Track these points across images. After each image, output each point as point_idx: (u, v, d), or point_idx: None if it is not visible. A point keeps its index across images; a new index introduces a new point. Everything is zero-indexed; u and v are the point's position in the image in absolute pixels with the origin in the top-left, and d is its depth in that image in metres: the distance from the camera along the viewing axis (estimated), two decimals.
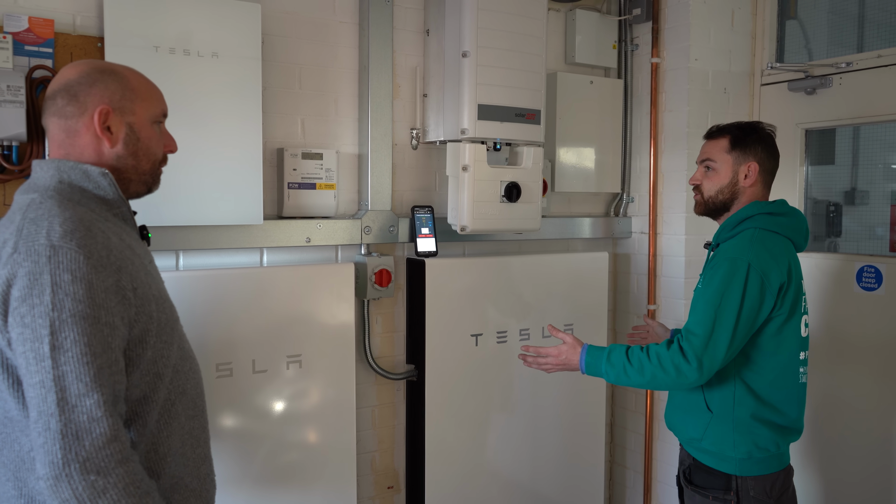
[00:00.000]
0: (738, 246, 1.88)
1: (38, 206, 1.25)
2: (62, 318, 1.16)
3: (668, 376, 1.82)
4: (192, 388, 1.45)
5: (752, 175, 1.97)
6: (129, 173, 1.39)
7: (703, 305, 1.84)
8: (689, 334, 1.83)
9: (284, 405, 2.27)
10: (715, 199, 2.00)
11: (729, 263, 1.84)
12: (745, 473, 1.90)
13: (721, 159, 1.99)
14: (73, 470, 1.13)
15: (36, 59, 1.91)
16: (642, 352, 1.87)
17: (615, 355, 1.90)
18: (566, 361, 1.98)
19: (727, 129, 2.02)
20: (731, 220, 1.98)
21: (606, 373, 1.90)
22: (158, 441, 1.35)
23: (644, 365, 1.84)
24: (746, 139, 1.98)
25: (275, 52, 2.31)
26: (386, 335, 2.59)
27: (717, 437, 1.91)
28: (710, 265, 1.95)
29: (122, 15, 1.98)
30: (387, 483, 2.63)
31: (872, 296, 2.61)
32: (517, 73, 2.46)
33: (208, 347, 2.12)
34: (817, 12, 3.05)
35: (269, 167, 2.31)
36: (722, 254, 1.90)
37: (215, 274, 2.17)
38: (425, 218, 2.50)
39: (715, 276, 1.85)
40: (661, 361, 1.82)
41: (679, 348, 1.82)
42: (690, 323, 1.86)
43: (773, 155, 2.00)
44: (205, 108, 2.10)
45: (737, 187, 1.98)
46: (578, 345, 1.97)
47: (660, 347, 1.85)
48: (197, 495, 1.44)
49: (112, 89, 1.35)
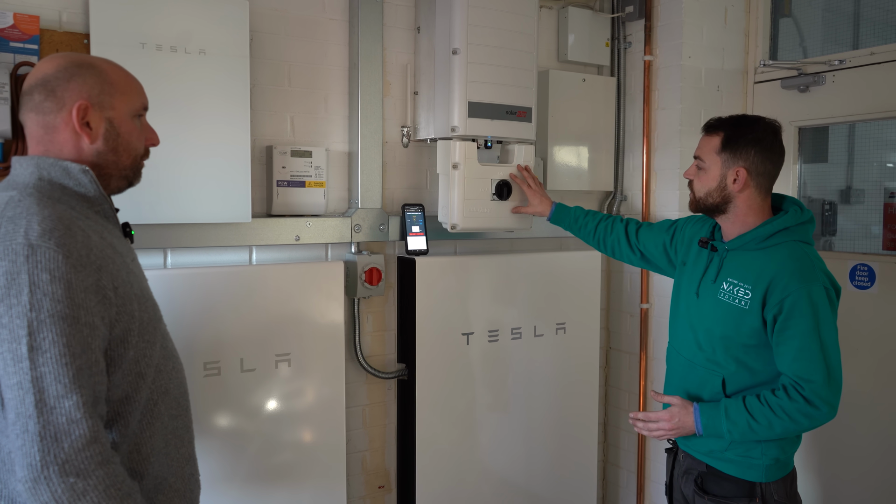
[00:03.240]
0: (797, 270, 1.76)
1: (16, 204, 1.22)
2: (40, 319, 1.14)
3: (801, 426, 1.76)
4: (175, 388, 1.44)
5: (740, 181, 1.83)
6: (109, 169, 1.37)
7: (804, 350, 1.73)
8: (806, 382, 1.73)
9: (273, 404, 2.26)
10: (705, 200, 1.90)
11: (805, 296, 1.73)
12: (770, 479, 1.85)
13: (711, 160, 1.87)
14: (51, 472, 1.12)
15: (21, 56, 1.90)
16: (762, 405, 1.76)
17: (734, 411, 1.79)
18: (680, 425, 1.87)
19: (724, 124, 1.88)
20: (763, 231, 1.84)
21: (729, 431, 1.80)
22: (141, 441, 1.34)
23: (772, 421, 1.75)
24: (739, 140, 1.83)
25: (263, 50, 2.30)
26: (376, 334, 2.57)
27: (744, 447, 1.85)
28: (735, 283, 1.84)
29: (109, 11, 1.96)
30: (377, 482, 2.62)
31: (865, 294, 2.60)
32: (508, 71, 2.45)
33: (196, 346, 2.11)
34: (812, 10, 3.04)
35: (257, 165, 2.30)
36: (782, 283, 1.75)
37: (203, 272, 2.16)
38: (416, 216, 2.48)
39: (795, 314, 1.73)
40: (789, 415, 1.74)
41: (803, 398, 1.73)
42: (799, 370, 1.74)
43: (769, 158, 1.85)
44: (192, 106, 2.08)
45: (726, 192, 1.85)
46: (689, 405, 1.88)
47: (781, 400, 1.75)
48: (181, 495, 1.43)
49: (90, 84, 1.32)
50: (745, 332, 1.82)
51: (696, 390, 1.93)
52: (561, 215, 2.42)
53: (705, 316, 1.91)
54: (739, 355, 1.85)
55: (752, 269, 1.82)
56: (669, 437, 1.92)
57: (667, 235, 2.17)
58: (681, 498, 2.02)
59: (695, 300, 1.95)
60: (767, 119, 1.87)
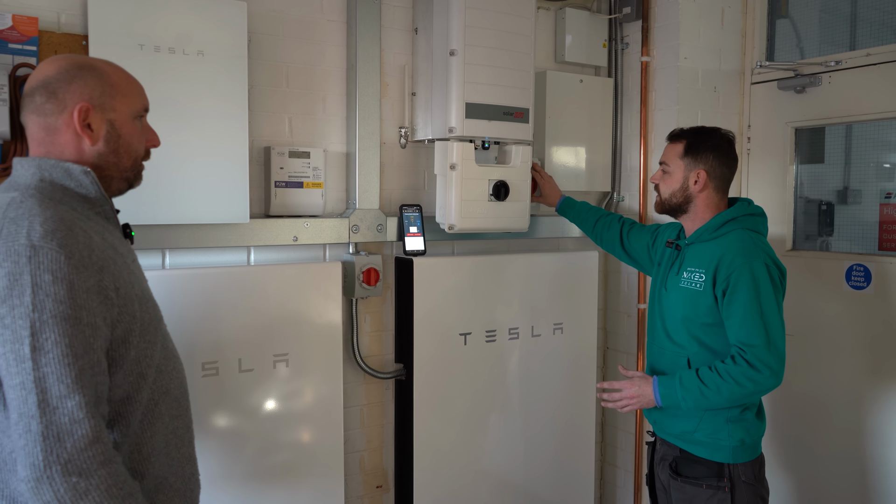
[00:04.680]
0: (740, 249, 1.98)
1: (18, 206, 1.23)
2: (43, 320, 1.14)
3: (746, 389, 1.91)
4: (175, 388, 1.44)
5: (700, 182, 2.08)
6: (110, 171, 1.37)
7: (746, 317, 1.93)
8: (748, 347, 1.92)
9: (271, 405, 2.27)
10: (670, 200, 2.14)
11: (747, 270, 1.94)
12: (737, 461, 2.02)
13: (674, 164, 2.11)
14: (54, 472, 1.12)
15: (20, 57, 1.91)
16: (712, 372, 1.94)
17: (687, 380, 1.98)
18: (640, 393, 2.06)
19: (685, 133, 2.13)
20: (714, 222, 2.08)
21: (684, 399, 1.98)
22: (142, 441, 1.34)
23: (720, 385, 1.92)
24: (699, 147, 2.08)
25: (262, 51, 2.30)
26: (374, 334, 2.58)
27: (712, 428, 2.02)
28: (691, 268, 2.08)
29: (107, 13, 1.97)
30: (375, 482, 2.63)
31: (861, 294, 2.61)
32: (505, 72, 2.46)
33: (194, 346, 2.12)
34: (808, 11, 3.05)
35: (256, 166, 2.31)
36: (728, 261, 1.98)
37: (202, 273, 2.17)
38: (413, 217, 2.49)
39: (739, 287, 1.94)
40: (734, 378, 1.91)
41: (745, 362, 1.91)
42: (742, 336, 1.93)
43: (725, 163, 2.09)
44: (190, 107, 2.09)
45: (688, 192, 2.10)
46: (649, 377, 2.07)
47: (727, 366, 1.93)
48: (181, 495, 1.43)
49: (91, 85, 1.33)
50: (702, 311, 2.02)
51: (666, 372, 2.12)
52: (566, 207, 2.63)
53: (670, 303, 2.12)
54: (699, 335, 2.05)
55: (706, 256, 2.04)
56: (632, 407, 2.09)
57: (650, 238, 2.39)
58: (660, 486, 2.18)
59: (664, 293, 2.17)
60: (724, 129, 2.13)
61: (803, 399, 2.80)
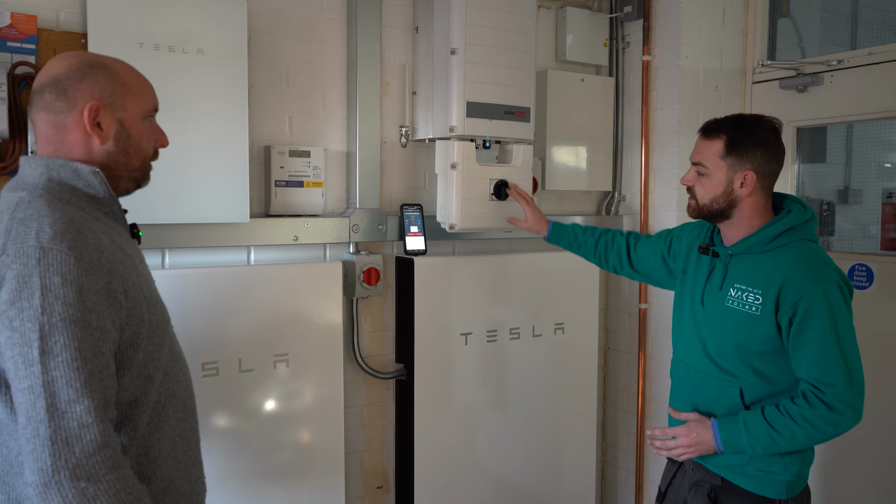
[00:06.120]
0: (809, 270, 1.69)
1: (27, 206, 1.21)
2: (52, 322, 1.13)
3: (825, 434, 1.68)
4: (182, 390, 1.43)
5: (748, 184, 1.75)
6: (118, 170, 1.35)
7: (823, 353, 1.66)
8: (827, 386, 1.65)
9: (271, 405, 2.26)
10: (710, 207, 1.80)
11: (821, 296, 1.65)
12: (791, 495, 1.77)
13: (714, 165, 1.78)
14: (62, 477, 1.11)
15: (18, 56, 1.90)
16: (783, 415, 1.69)
17: (753, 424, 1.71)
18: (698, 440, 1.79)
19: (724, 127, 1.78)
20: (769, 233, 1.76)
21: (751, 446, 1.71)
22: (149, 444, 1.33)
23: (794, 431, 1.67)
24: (744, 143, 1.75)
25: (262, 49, 2.30)
26: (375, 334, 2.57)
27: (766, 462, 1.76)
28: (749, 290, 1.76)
29: (106, 11, 1.96)
30: (376, 483, 2.62)
31: (863, 294, 2.60)
32: (506, 71, 2.45)
33: (194, 346, 2.11)
34: (810, 10, 3.04)
35: (256, 165, 2.30)
36: (795, 285, 1.68)
37: (201, 272, 2.16)
38: (414, 216, 2.48)
39: (812, 317, 1.66)
40: (811, 423, 1.66)
41: (824, 405, 1.65)
42: (818, 373, 1.66)
43: (774, 157, 1.78)
44: (190, 106, 2.08)
45: (733, 196, 1.77)
46: (706, 420, 1.80)
47: (801, 408, 1.67)
48: (188, 498, 1.42)
49: (102, 84, 1.31)
50: (759, 338, 1.73)
51: (711, 403, 1.84)
52: (559, 233, 2.32)
53: (714, 325, 1.82)
54: (754, 363, 1.76)
55: (761, 272, 1.74)
56: (689, 455, 1.82)
57: (664, 245, 2.10)
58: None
59: (701, 309, 1.86)
60: (767, 117, 1.79)
61: None
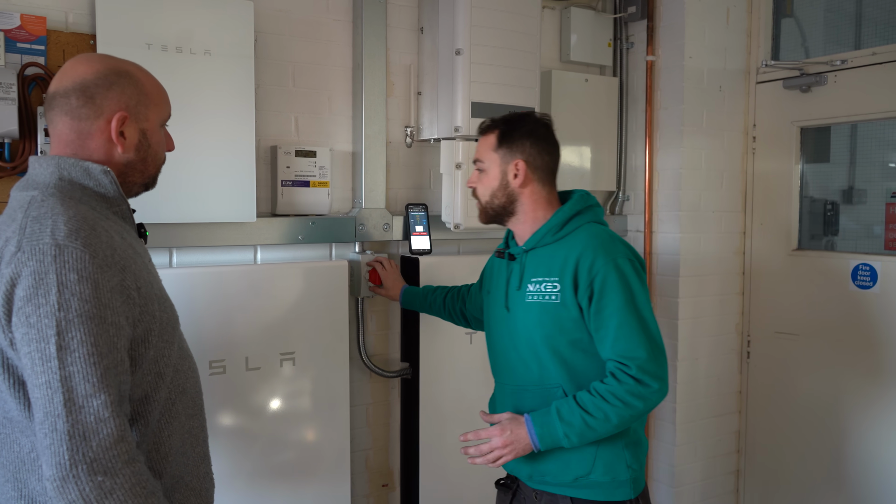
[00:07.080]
0: (598, 246, 1.68)
1: (40, 204, 1.23)
2: (69, 319, 1.14)
3: (636, 409, 1.61)
4: (191, 387, 1.45)
5: (521, 174, 1.75)
6: (134, 176, 1.37)
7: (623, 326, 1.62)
8: (631, 360, 1.61)
9: (278, 403, 2.27)
10: (492, 204, 1.79)
11: (613, 269, 1.64)
12: (637, 492, 1.73)
13: (489, 158, 1.78)
14: (80, 471, 1.12)
15: (28, 57, 1.92)
16: (594, 395, 1.63)
17: (566, 411, 1.64)
18: (514, 439, 1.68)
19: (497, 123, 1.80)
20: (556, 220, 1.75)
21: (566, 435, 1.63)
22: (160, 440, 1.35)
23: (606, 410, 1.61)
24: (513, 134, 1.76)
25: (268, 50, 2.31)
26: (380, 333, 2.59)
27: (609, 462, 1.69)
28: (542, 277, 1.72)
29: (115, 12, 1.98)
30: (381, 481, 2.63)
31: (867, 294, 2.61)
32: (511, 71, 2.46)
33: (201, 344, 2.12)
34: (813, 10, 3.05)
35: (262, 165, 2.31)
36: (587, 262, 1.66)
37: (208, 271, 2.17)
38: (419, 216, 2.49)
39: (607, 291, 1.63)
40: (621, 399, 1.60)
41: (631, 379, 1.61)
42: (622, 348, 1.62)
43: (545, 149, 1.78)
44: (198, 106, 2.09)
45: (509, 188, 1.76)
46: (519, 416, 1.70)
47: (610, 386, 1.62)
48: (197, 494, 1.44)
49: (129, 94, 1.32)
50: (568, 326, 1.69)
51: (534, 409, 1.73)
52: (410, 297, 2.29)
53: (521, 325, 1.76)
54: (566, 356, 1.71)
55: (555, 260, 1.71)
56: (508, 458, 1.70)
57: (480, 281, 2.08)
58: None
59: (507, 315, 1.80)
60: (538, 113, 1.86)
61: (809, 399, 2.80)
